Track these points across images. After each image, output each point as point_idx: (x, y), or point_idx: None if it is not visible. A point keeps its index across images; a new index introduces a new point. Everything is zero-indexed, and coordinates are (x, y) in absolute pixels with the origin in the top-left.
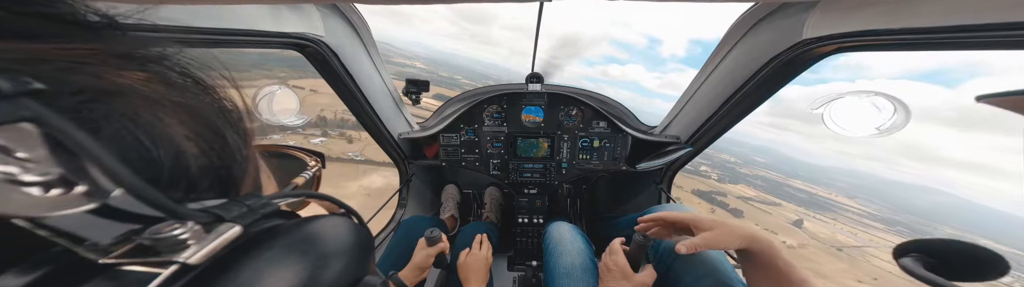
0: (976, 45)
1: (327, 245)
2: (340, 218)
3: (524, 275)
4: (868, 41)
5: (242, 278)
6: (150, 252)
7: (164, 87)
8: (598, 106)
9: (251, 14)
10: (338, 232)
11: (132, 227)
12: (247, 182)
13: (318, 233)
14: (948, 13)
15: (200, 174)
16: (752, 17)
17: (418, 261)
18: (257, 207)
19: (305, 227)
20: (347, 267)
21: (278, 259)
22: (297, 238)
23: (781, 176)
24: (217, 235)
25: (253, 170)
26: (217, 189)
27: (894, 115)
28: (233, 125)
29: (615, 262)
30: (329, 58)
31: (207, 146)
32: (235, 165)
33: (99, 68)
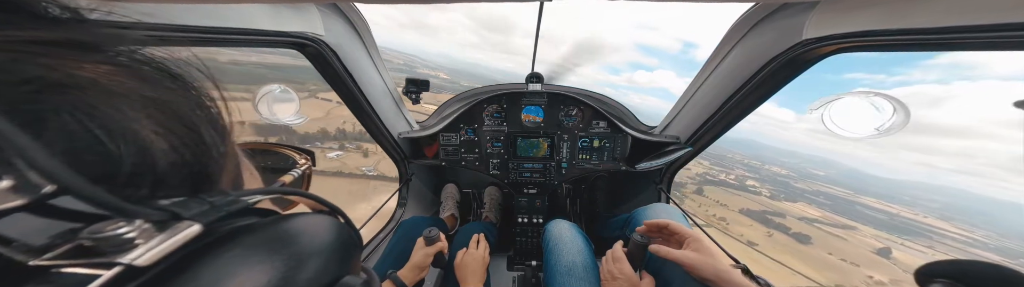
0: (976, 46)
1: (302, 244)
2: (320, 216)
3: (524, 275)
4: (868, 41)
5: (202, 280)
6: (91, 253)
7: (134, 81)
8: (598, 106)
9: (251, 13)
10: (316, 230)
11: (72, 226)
12: (225, 180)
13: (293, 231)
14: (948, 13)
15: (169, 170)
16: (752, 17)
17: (417, 260)
18: (222, 204)
19: (279, 225)
20: (324, 267)
21: (244, 259)
22: (269, 237)
23: (848, 192)
24: (171, 234)
25: (232, 167)
26: (189, 187)
27: (893, 115)
28: (210, 121)
29: (621, 270)
30: (329, 58)
31: (179, 142)
32: (211, 162)
33: (54, 60)
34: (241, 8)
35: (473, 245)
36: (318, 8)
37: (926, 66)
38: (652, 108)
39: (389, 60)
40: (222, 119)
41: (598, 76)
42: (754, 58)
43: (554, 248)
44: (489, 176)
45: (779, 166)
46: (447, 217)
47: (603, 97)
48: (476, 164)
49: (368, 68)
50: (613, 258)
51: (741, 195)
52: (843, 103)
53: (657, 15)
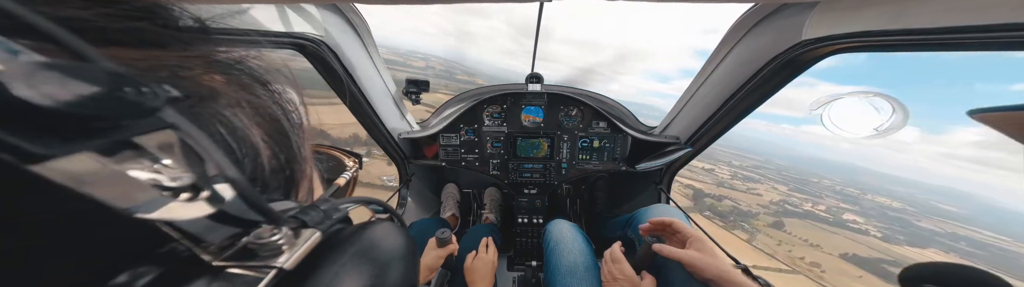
0: (976, 46)
1: (388, 251)
2: (392, 224)
3: (524, 275)
4: (868, 42)
5: (322, 283)
6: (251, 255)
7: (240, 90)
8: (598, 106)
9: (251, 13)
10: (394, 238)
11: (235, 231)
12: (305, 183)
13: (379, 239)
14: (948, 13)
15: (271, 175)
16: (752, 17)
17: (428, 262)
18: (330, 212)
19: (366, 234)
20: (405, 273)
21: (351, 266)
22: (364, 244)
23: (1004, 239)
24: (304, 241)
25: (309, 171)
26: (283, 190)
27: (892, 116)
28: (296, 126)
29: (621, 271)
30: (329, 58)
31: (277, 148)
32: (297, 166)
33: (194, 72)
34: (241, 8)
35: (483, 249)
36: (318, 8)
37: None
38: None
39: (432, 66)
40: (303, 124)
41: (643, 84)
42: (754, 58)
43: (555, 248)
44: (489, 176)
45: (888, 197)
46: (448, 217)
47: (603, 97)
48: (476, 164)
49: (368, 68)
50: (612, 259)
51: (839, 234)
52: (842, 103)
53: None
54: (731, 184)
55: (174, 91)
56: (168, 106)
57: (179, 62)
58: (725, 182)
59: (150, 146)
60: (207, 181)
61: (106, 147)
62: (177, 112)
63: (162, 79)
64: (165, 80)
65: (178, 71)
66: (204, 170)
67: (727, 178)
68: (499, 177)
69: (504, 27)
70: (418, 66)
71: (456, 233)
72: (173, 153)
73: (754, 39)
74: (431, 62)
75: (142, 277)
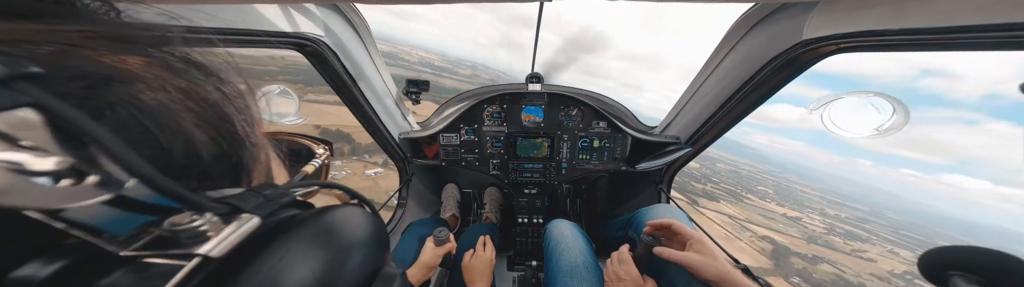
0: (976, 46)
1: (347, 236)
2: (357, 208)
3: (524, 275)
4: (868, 42)
5: (264, 270)
6: (170, 244)
7: (167, 73)
8: (598, 106)
9: (251, 13)
10: (356, 223)
11: (148, 219)
12: (259, 170)
13: (337, 224)
14: (948, 14)
15: (212, 162)
16: (752, 17)
17: (426, 260)
18: (275, 197)
19: (323, 218)
20: (367, 258)
21: (300, 251)
22: (317, 229)
23: None
24: (236, 227)
25: (264, 158)
26: (230, 177)
27: (893, 116)
28: (241, 112)
29: (627, 272)
30: (329, 58)
31: (217, 133)
32: (246, 153)
33: (97, 52)
34: (241, 8)
35: (480, 247)
36: (318, 8)
37: None
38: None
39: (478, 75)
40: (250, 109)
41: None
42: (754, 58)
43: (555, 248)
44: (489, 176)
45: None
46: (449, 217)
47: (603, 97)
48: (476, 164)
49: (368, 68)
50: (619, 260)
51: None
52: (842, 103)
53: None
54: (828, 241)
55: (33, 67)
56: (23, 83)
57: (66, 39)
58: (818, 237)
59: (2, 126)
60: (94, 165)
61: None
62: (46, 90)
63: (38, 56)
64: (43, 57)
65: (67, 49)
66: (88, 153)
67: (821, 231)
68: (499, 177)
69: (554, 39)
70: (465, 74)
71: (456, 233)
72: (36, 134)
73: (754, 39)
74: (478, 71)
75: (44, 269)
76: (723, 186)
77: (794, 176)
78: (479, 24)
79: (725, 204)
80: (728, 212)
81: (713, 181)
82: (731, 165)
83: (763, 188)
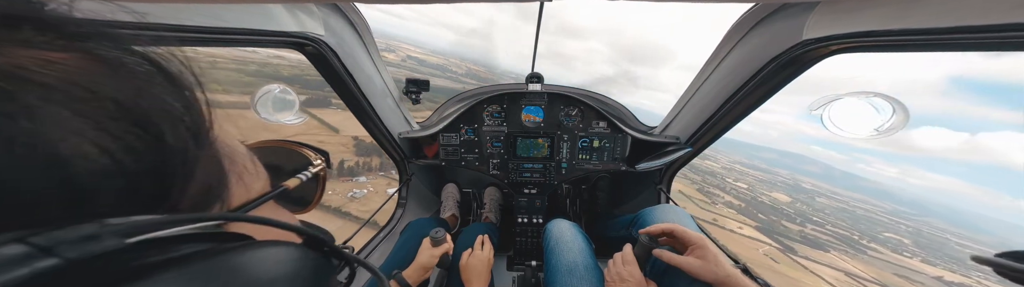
0: (976, 46)
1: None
2: (278, 249)
3: (523, 275)
4: (868, 42)
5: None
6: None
7: (97, 69)
8: (598, 106)
9: (251, 13)
10: (266, 268)
11: None
12: (192, 189)
13: (233, 269)
14: (948, 14)
15: (93, 182)
16: (752, 17)
17: (423, 261)
18: (66, 247)
19: (214, 261)
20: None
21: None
22: (193, 276)
23: None
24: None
25: (206, 175)
26: (142, 200)
27: (893, 116)
28: (179, 118)
29: (631, 273)
30: (329, 57)
31: (116, 144)
32: (166, 167)
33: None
34: (241, 8)
35: (478, 246)
36: (318, 8)
37: None
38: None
39: None
40: (199, 116)
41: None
42: (754, 58)
43: (555, 248)
44: (489, 176)
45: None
46: (448, 217)
47: (603, 97)
48: (476, 164)
49: (368, 68)
50: (623, 260)
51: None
52: (843, 103)
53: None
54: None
55: None
56: None
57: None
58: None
59: None
60: None
61: None
62: None
63: None
64: None
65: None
66: None
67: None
68: (499, 177)
69: (605, 49)
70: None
71: (455, 233)
72: None
73: (754, 39)
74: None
75: None
76: (832, 230)
77: (940, 221)
78: (521, 35)
79: (838, 255)
80: (845, 268)
81: (815, 221)
82: (838, 201)
83: (893, 236)
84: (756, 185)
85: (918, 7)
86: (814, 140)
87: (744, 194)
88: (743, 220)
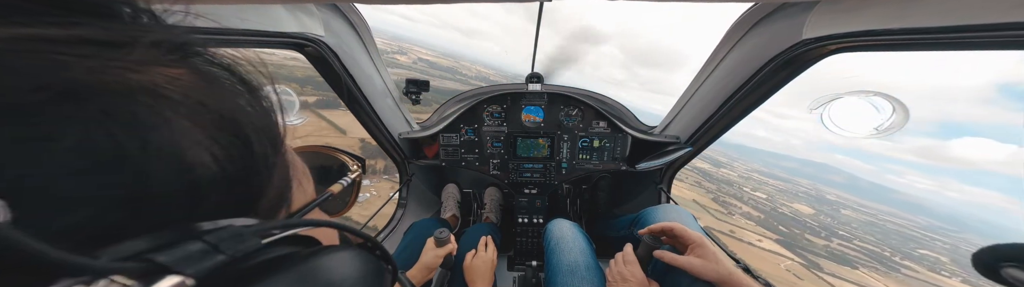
0: (976, 45)
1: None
2: (352, 254)
3: (524, 275)
4: (868, 41)
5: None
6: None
7: (202, 84)
8: (598, 106)
9: (251, 13)
10: (351, 274)
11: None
12: (270, 194)
13: (323, 275)
14: (948, 13)
15: (209, 187)
16: (752, 17)
17: (427, 261)
18: (229, 248)
19: (307, 266)
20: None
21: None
22: (295, 280)
23: None
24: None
25: (280, 181)
26: (234, 204)
27: (892, 115)
28: (266, 128)
29: (632, 273)
30: (329, 58)
31: (223, 153)
32: (256, 174)
33: (93, 61)
34: (241, 8)
35: (482, 248)
36: (318, 8)
37: None
38: (962, 206)
39: None
40: (277, 125)
41: (828, 135)
42: (754, 58)
43: (556, 248)
44: (489, 176)
45: None
46: (449, 217)
47: (603, 97)
48: (476, 164)
49: (368, 68)
50: (625, 261)
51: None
52: (842, 103)
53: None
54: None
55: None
56: None
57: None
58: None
59: None
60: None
61: None
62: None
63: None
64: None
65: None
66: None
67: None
68: (499, 177)
69: (618, 53)
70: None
71: (456, 234)
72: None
73: (754, 39)
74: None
75: None
76: (860, 245)
77: (979, 238)
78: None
79: (868, 273)
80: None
81: (841, 236)
82: (866, 214)
83: (929, 253)
84: (776, 195)
85: (918, 6)
86: (838, 149)
87: (763, 205)
88: (763, 232)
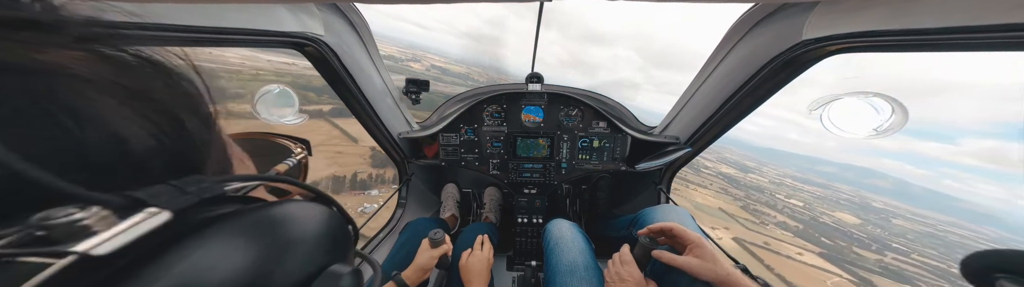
0: (975, 46)
1: (286, 231)
2: (309, 204)
3: (523, 275)
4: (867, 42)
5: (172, 269)
6: (45, 242)
7: (109, 67)
8: (598, 106)
9: (251, 13)
10: (303, 217)
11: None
12: (210, 168)
13: (277, 218)
14: (947, 14)
15: (146, 157)
16: (752, 17)
17: (422, 262)
18: (197, 191)
19: (263, 212)
20: (309, 256)
21: (220, 247)
22: (249, 224)
23: None
24: (134, 222)
25: (219, 155)
26: (171, 175)
27: (892, 116)
28: (192, 108)
29: (630, 273)
30: (328, 57)
31: (156, 129)
32: (192, 149)
33: (11, 43)
34: (241, 8)
35: (477, 246)
36: (318, 8)
37: None
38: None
39: None
40: (205, 107)
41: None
42: (754, 58)
43: (555, 248)
44: (489, 176)
45: None
46: (448, 217)
47: (603, 97)
48: (476, 164)
49: (368, 68)
50: (622, 261)
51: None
52: (842, 103)
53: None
54: None
55: None
56: None
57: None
58: None
59: None
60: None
61: None
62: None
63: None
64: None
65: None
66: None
67: None
68: (499, 177)
69: (634, 56)
70: None
71: (455, 233)
72: None
73: (754, 39)
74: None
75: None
76: (919, 259)
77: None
78: (545, 43)
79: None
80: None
81: (896, 249)
82: (922, 224)
83: None
84: (814, 203)
85: (917, 7)
86: (885, 152)
87: (800, 213)
88: (803, 245)
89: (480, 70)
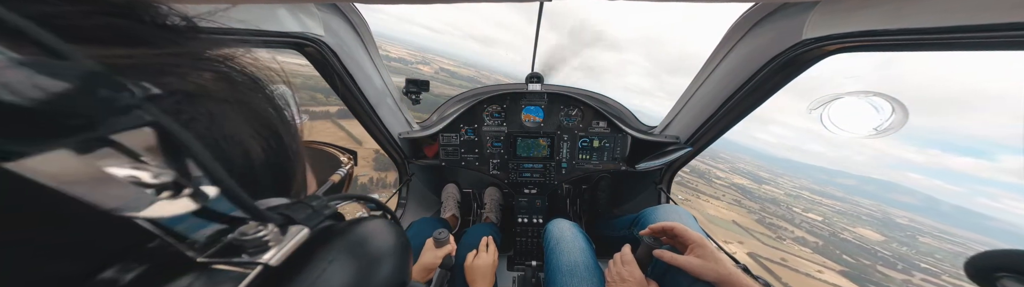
0: (974, 46)
1: (378, 247)
2: (384, 221)
3: (524, 275)
4: (867, 41)
5: (312, 279)
6: (235, 252)
7: (230, 87)
8: (598, 106)
9: (251, 13)
10: (385, 234)
11: (221, 227)
12: (298, 179)
13: (369, 235)
14: (948, 13)
15: (262, 172)
16: (752, 17)
17: (426, 262)
18: (320, 209)
19: (357, 229)
20: (395, 269)
21: (341, 261)
22: (353, 240)
23: None
24: (291, 237)
25: (301, 167)
26: (275, 187)
27: (892, 115)
28: (287, 124)
29: (631, 273)
30: (328, 57)
31: (267, 144)
32: (289, 163)
33: (181, 69)
34: (240, 8)
35: (483, 248)
36: (318, 8)
37: None
38: None
39: None
40: (294, 120)
41: (886, 145)
42: (754, 58)
43: (555, 248)
44: (489, 176)
45: None
46: (449, 217)
47: (603, 97)
48: (476, 164)
49: (368, 68)
50: (623, 260)
51: None
52: (842, 103)
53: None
54: None
55: (154, 88)
56: (148, 103)
57: (164, 60)
58: None
59: (129, 143)
60: (189, 178)
61: (83, 145)
62: (159, 110)
63: (144, 76)
64: (147, 77)
65: (164, 68)
66: (185, 167)
67: None
68: (499, 177)
69: (643, 61)
70: None
71: (456, 233)
72: (154, 150)
73: (754, 39)
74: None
75: (127, 273)
76: (951, 281)
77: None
78: (550, 47)
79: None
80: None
81: (924, 269)
82: (952, 243)
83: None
84: (833, 217)
85: (917, 7)
86: (911, 166)
87: (819, 228)
88: (822, 262)
89: (488, 73)
